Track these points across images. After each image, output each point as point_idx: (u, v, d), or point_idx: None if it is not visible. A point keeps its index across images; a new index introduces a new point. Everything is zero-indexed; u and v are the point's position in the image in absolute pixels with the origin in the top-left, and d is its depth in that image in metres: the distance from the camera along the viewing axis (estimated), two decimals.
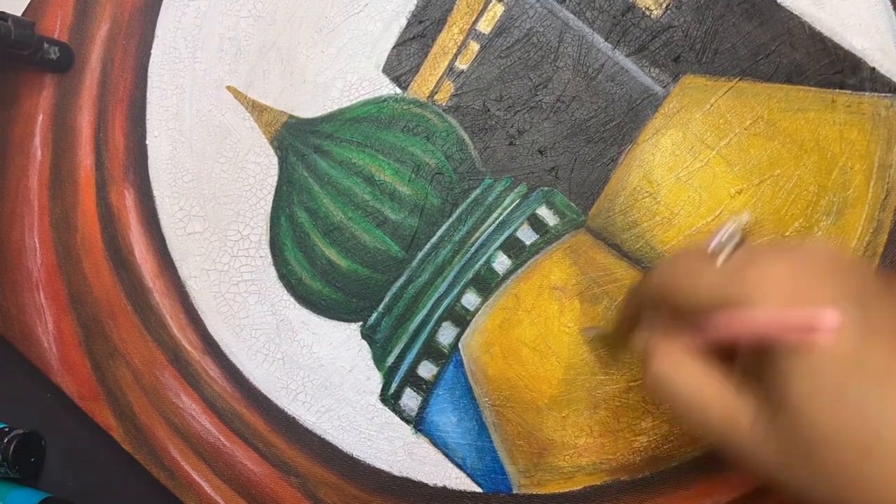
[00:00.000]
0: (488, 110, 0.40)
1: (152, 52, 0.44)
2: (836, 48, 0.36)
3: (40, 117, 0.45)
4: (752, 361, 0.25)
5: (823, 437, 0.22)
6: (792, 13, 0.37)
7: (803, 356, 0.23)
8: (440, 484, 0.39)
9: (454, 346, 0.39)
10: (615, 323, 0.36)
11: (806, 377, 0.23)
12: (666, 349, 0.27)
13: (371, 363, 0.41)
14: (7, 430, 0.44)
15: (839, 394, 0.22)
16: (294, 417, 0.41)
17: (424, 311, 0.40)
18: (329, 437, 0.41)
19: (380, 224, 0.40)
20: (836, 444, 0.22)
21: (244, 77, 0.43)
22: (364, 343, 0.41)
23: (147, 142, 0.44)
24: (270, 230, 0.42)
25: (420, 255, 0.40)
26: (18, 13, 0.45)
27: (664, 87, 0.38)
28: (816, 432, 0.23)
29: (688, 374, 0.26)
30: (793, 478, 0.24)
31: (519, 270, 0.39)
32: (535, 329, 0.39)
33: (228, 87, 0.43)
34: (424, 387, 0.40)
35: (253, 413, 0.42)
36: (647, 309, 0.31)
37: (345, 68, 0.42)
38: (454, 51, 0.40)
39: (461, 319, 0.39)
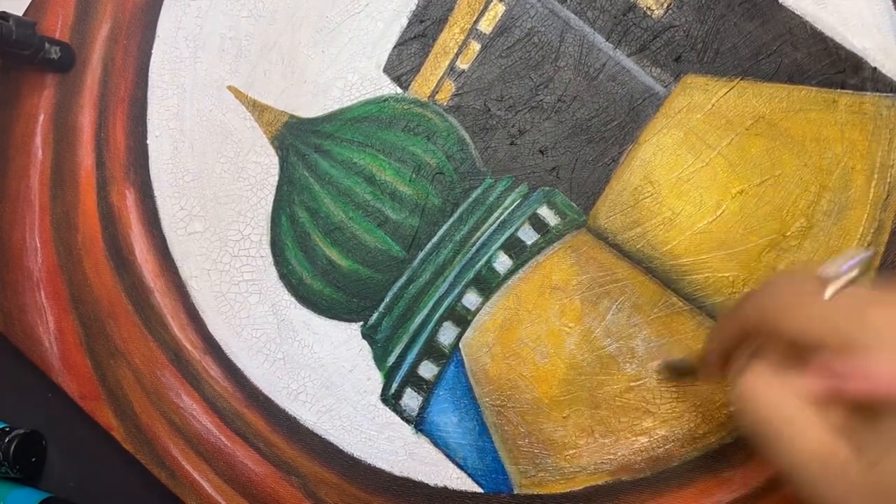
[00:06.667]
0: (489, 110, 0.40)
1: (153, 51, 0.44)
2: (838, 48, 0.36)
3: (41, 117, 0.45)
4: (861, 406, 0.24)
5: None
6: (793, 13, 0.37)
7: None
8: (441, 484, 0.39)
9: (455, 346, 0.39)
10: (703, 353, 0.34)
11: None
12: (764, 375, 0.26)
13: (372, 363, 0.41)
14: (8, 429, 0.44)
15: None
16: (295, 417, 0.41)
17: (425, 311, 0.40)
18: (330, 437, 0.41)
19: (381, 224, 0.40)
20: None
21: (245, 77, 0.43)
22: (365, 343, 0.41)
23: (148, 141, 0.44)
24: (271, 230, 0.42)
25: (421, 254, 0.40)
26: (20, 13, 0.45)
27: (665, 86, 0.38)
28: None
29: (784, 403, 0.25)
30: None
31: (520, 270, 0.39)
32: (536, 329, 0.38)
33: (229, 87, 0.43)
34: (425, 387, 0.40)
35: (254, 413, 0.42)
36: (743, 338, 0.29)
37: (345, 68, 0.42)
38: (455, 50, 0.40)
39: (462, 319, 0.39)
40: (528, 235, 0.39)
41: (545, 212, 0.39)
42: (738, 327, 0.29)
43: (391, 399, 0.40)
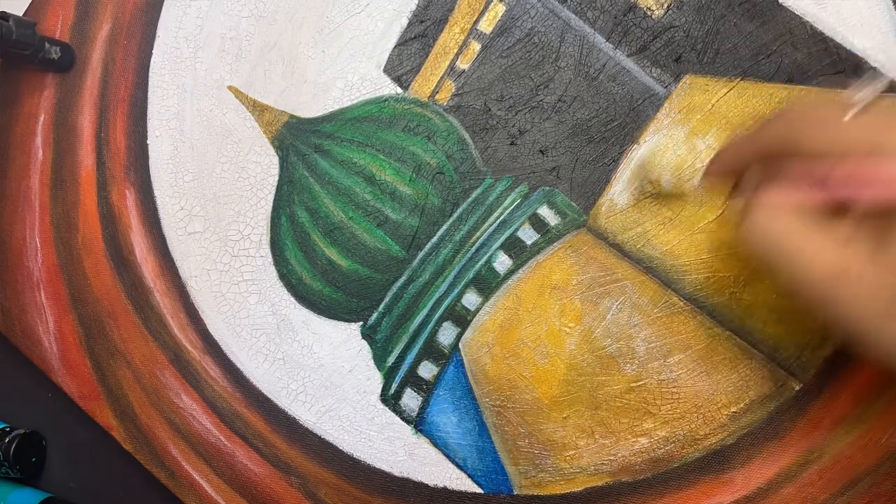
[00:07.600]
0: (489, 110, 0.40)
1: (153, 51, 0.44)
2: (838, 48, 0.36)
3: (42, 117, 0.45)
4: (873, 213, 0.25)
5: None
6: (793, 13, 0.37)
7: None
8: (441, 485, 0.39)
9: (455, 346, 0.39)
10: (707, 167, 0.34)
11: None
12: (771, 200, 0.27)
13: (371, 363, 0.40)
14: (8, 430, 0.44)
15: None
16: (294, 418, 0.41)
17: (425, 311, 0.40)
18: (329, 438, 0.41)
19: (380, 224, 0.40)
20: None
21: (245, 77, 0.43)
22: (364, 343, 0.41)
23: (148, 142, 0.44)
24: (271, 230, 0.42)
25: (420, 254, 0.40)
26: (20, 13, 0.45)
27: (665, 87, 0.38)
28: None
29: (792, 225, 0.26)
30: (890, 336, 0.24)
31: (520, 270, 0.39)
32: (536, 329, 0.38)
33: (230, 87, 0.43)
34: (425, 387, 0.40)
35: (253, 413, 0.42)
36: (756, 160, 0.29)
37: (346, 68, 0.42)
38: (455, 50, 0.40)
39: (462, 319, 0.39)
40: (528, 235, 0.39)
41: (545, 211, 0.39)
42: (755, 148, 0.29)
43: (391, 399, 0.40)
